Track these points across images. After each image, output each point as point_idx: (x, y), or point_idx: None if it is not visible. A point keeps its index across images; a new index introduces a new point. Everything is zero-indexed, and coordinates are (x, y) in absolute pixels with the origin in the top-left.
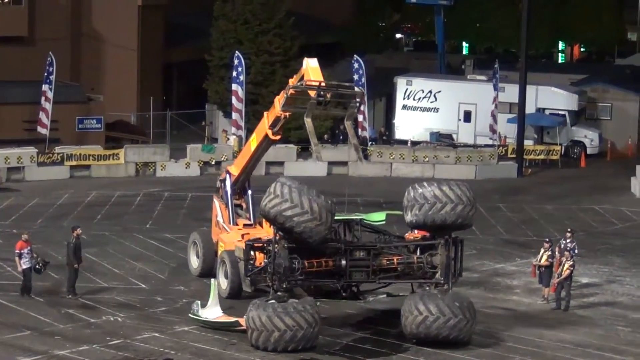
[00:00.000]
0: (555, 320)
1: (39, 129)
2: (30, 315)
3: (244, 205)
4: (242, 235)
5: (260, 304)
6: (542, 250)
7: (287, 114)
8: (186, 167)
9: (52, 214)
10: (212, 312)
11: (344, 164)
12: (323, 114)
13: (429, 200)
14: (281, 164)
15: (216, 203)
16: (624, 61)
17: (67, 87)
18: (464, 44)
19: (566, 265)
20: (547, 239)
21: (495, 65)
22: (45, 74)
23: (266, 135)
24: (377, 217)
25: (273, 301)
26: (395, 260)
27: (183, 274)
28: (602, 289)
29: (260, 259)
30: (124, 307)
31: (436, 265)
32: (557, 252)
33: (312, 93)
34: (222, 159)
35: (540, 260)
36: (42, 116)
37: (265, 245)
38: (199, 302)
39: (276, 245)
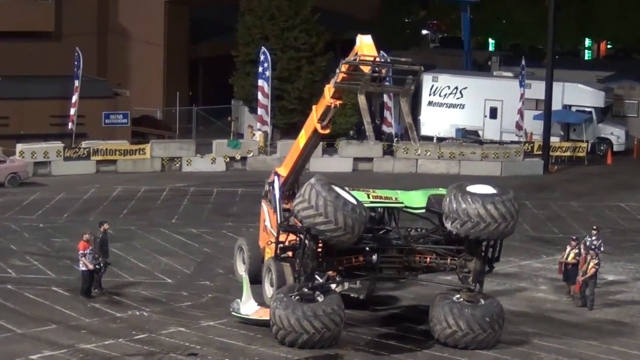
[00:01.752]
0: (580, 318)
1: (70, 125)
2: (56, 309)
3: None
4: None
5: (287, 302)
6: (568, 248)
7: (338, 103)
8: (212, 163)
9: (78, 209)
10: (248, 307)
11: (370, 159)
12: (378, 90)
13: (472, 219)
14: None
15: (264, 207)
16: None
17: (94, 82)
18: (490, 41)
19: (591, 264)
20: (574, 237)
21: (522, 62)
22: (74, 70)
23: (315, 130)
24: (418, 203)
25: (299, 298)
26: (428, 259)
27: (208, 269)
28: (628, 286)
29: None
30: (150, 302)
31: (469, 270)
32: (582, 250)
33: (366, 69)
34: (248, 154)
35: (567, 258)
36: (72, 111)
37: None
38: (239, 300)
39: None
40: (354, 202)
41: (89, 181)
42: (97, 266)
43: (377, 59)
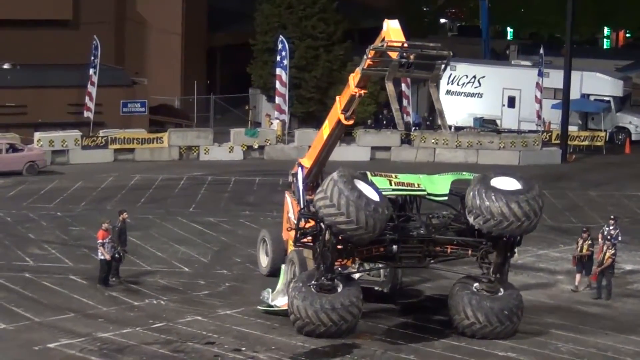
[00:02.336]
0: (597, 307)
1: (85, 113)
2: (73, 298)
3: None
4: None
5: (306, 293)
6: (580, 241)
7: (363, 92)
8: (229, 151)
9: (95, 197)
10: (280, 298)
11: (387, 149)
12: (406, 76)
13: (495, 217)
14: None
15: (288, 199)
16: None
17: (112, 70)
18: (509, 29)
19: (608, 254)
20: (585, 228)
21: (540, 51)
22: (91, 58)
23: (339, 121)
24: (441, 189)
25: (317, 288)
26: (449, 249)
27: (226, 258)
28: None
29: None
30: (167, 291)
31: (490, 262)
32: (599, 239)
33: (394, 55)
34: (266, 143)
35: (581, 250)
36: (87, 100)
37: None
38: (270, 289)
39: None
40: (377, 200)
41: (106, 170)
42: (116, 255)
43: (405, 44)
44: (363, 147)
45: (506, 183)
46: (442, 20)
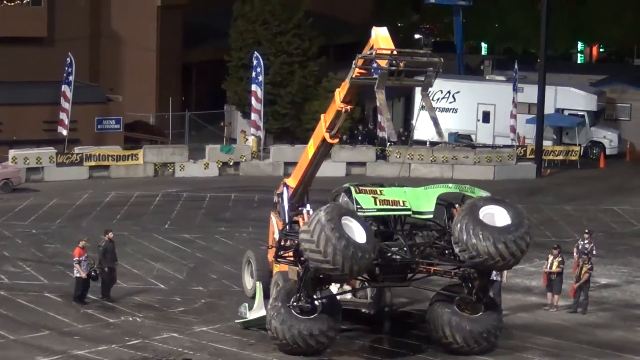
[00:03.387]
0: (574, 322)
1: (60, 129)
2: (49, 315)
3: (302, 222)
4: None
5: (284, 316)
6: (550, 257)
7: (349, 107)
8: (205, 168)
9: (71, 214)
10: (258, 312)
11: (363, 164)
12: (396, 85)
13: (481, 256)
14: None
15: (273, 219)
16: None
17: (86, 87)
18: (483, 45)
19: (584, 269)
20: (555, 245)
21: (515, 66)
22: (65, 75)
23: (324, 140)
24: (426, 206)
25: (297, 310)
26: (432, 270)
27: (201, 274)
28: (621, 289)
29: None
30: (143, 308)
31: (472, 284)
32: (575, 253)
33: (383, 63)
34: (241, 159)
35: (551, 267)
36: (61, 117)
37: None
38: (246, 304)
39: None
40: (362, 243)
41: (81, 187)
42: (92, 273)
43: (395, 52)
44: (339, 162)
45: (495, 215)
46: (417, 36)
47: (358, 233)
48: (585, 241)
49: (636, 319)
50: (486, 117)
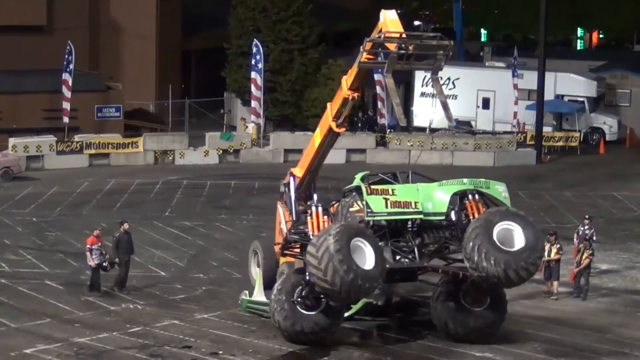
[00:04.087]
0: (575, 307)
1: (65, 119)
2: (49, 303)
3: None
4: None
5: (288, 312)
6: (547, 245)
7: (356, 95)
8: (205, 155)
9: (71, 202)
10: (260, 297)
11: (363, 151)
12: (406, 68)
13: (490, 278)
14: (300, 151)
15: (280, 209)
16: None
17: (86, 75)
18: (482, 31)
19: (585, 255)
20: (552, 232)
21: (514, 53)
22: (65, 63)
23: (330, 129)
24: (439, 207)
25: (301, 305)
26: (439, 270)
27: (202, 262)
28: (622, 275)
29: None
30: (144, 295)
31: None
32: (575, 239)
33: (392, 46)
34: (241, 146)
35: (550, 255)
36: (65, 105)
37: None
38: (247, 291)
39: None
40: (368, 270)
41: (82, 175)
42: (104, 264)
43: (404, 35)
44: (338, 149)
45: (510, 233)
46: (416, 23)
47: (368, 256)
48: (586, 227)
49: (637, 305)
50: (486, 103)
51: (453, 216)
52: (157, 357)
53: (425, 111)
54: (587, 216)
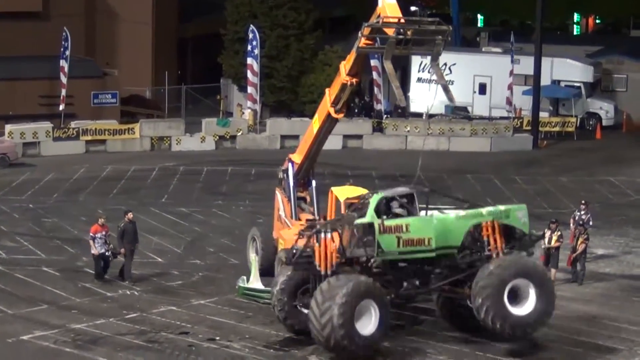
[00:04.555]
0: (571, 292)
1: (61, 106)
2: (46, 289)
3: (308, 199)
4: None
5: (289, 313)
6: (548, 232)
7: (355, 80)
8: (201, 141)
9: (67, 189)
10: (257, 283)
11: (359, 137)
12: (404, 53)
13: (491, 330)
14: (296, 137)
15: (278, 196)
16: (639, 33)
17: (82, 62)
18: (479, 17)
19: (581, 239)
20: (554, 220)
21: (511, 38)
22: (61, 49)
23: (328, 115)
24: (454, 240)
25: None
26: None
27: (199, 248)
28: (618, 260)
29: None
30: (141, 281)
31: None
32: (571, 224)
33: (391, 31)
34: (237, 132)
35: (550, 242)
36: (62, 92)
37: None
38: (244, 277)
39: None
40: (364, 336)
41: (78, 161)
42: (106, 253)
43: (402, 20)
44: (335, 135)
45: (522, 292)
46: (413, 8)
47: (373, 320)
48: (582, 212)
49: (633, 290)
50: (482, 89)
51: (468, 243)
52: (154, 343)
53: (422, 97)
54: (583, 201)
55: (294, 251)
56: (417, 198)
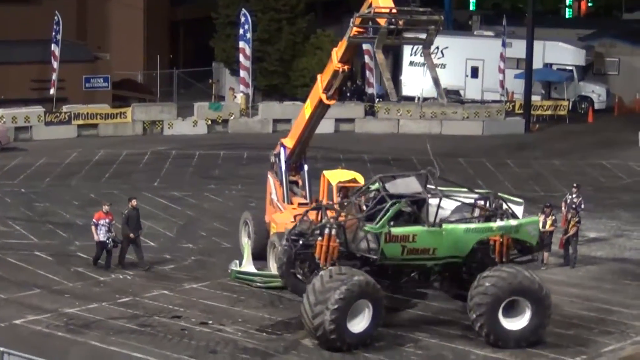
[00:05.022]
0: (563, 276)
1: (50, 89)
2: (39, 274)
3: (300, 182)
4: (295, 217)
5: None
6: (542, 217)
7: (346, 67)
8: (193, 126)
9: (59, 173)
10: (249, 267)
11: (351, 120)
12: (396, 43)
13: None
14: (288, 121)
15: (270, 180)
16: (632, 16)
17: (74, 46)
18: (471, 0)
19: (572, 223)
20: (548, 204)
21: (503, 21)
22: (52, 33)
23: (320, 101)
24: (462, 250)
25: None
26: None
27: (191, 232)
28: (610, 243)
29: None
30: (133, 265)
31: None
32: (562, 207)
33: (382, 21)
34: (230, 116)
35: (544, 227)
36: (53, 76)
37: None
38: (237, 261)
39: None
40: (354, 333)
41: (70, 145)
42: (107, 240)
43: (394, 10)
44: (327, 119)
45: (517, 309)
46: None
47: (366, 318)
48: (574, 195)
49: (625, 273)
50: (474, 72)
51: (474, 255)
52: (146, 327)
53: (414, 80)
54: (575, 184)
55: (294, 237)
56: (430, 180)
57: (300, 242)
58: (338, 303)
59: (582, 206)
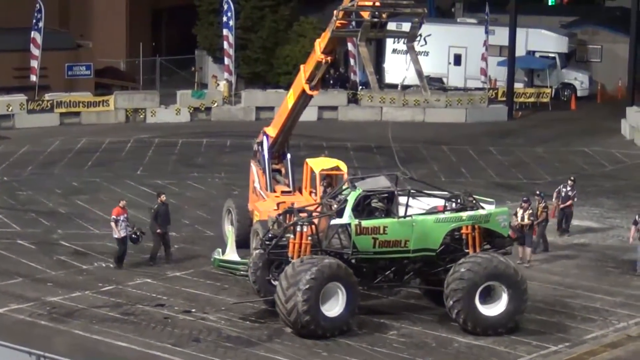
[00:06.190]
0: (545, 262)
1: (32, 77)
2: (22, 262)
3: (283, 171)
4: (278, 205)
5: (261, 287)
6: (520, 211)
7: (329, 59)
8: (176, 114)
9: (42, 161)
10: (233, 255)
11: (334, 108)
12: (379, 36)
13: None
14: (272, 109)
15: (253, 168)
16: (614, 3)
17: (56, 33)
18: None
19: (539, 209)
20: (525, 198)
21: (486, 8)
22: (34, 21)
23: (303, 91)
24: (433, 243)
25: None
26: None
27: (174, 220)
28: (593, 230)
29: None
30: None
31: None
32: (554, 198)
33: (365, 14)
34: (212, 104)
35: (522, 220)
36: (32, 64)
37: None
38: (219, 249)
39: None
40: (329, 317)
41: (52, 134)
42: (133, 235)
43: (377, 3)
44: (310, 107)
45: (494, 296)
46: None
47: (340, 301)
48: (568, 188)
49: (608, 260)
50: (457, 60)
51: (446, 246)
52: (129, 315)
53: (397, 68)
54: (572, 177)
55: (267, 241)
56: (400, 182)
57: (273, 241)
58: (309, 283)
59: (576, 199)
